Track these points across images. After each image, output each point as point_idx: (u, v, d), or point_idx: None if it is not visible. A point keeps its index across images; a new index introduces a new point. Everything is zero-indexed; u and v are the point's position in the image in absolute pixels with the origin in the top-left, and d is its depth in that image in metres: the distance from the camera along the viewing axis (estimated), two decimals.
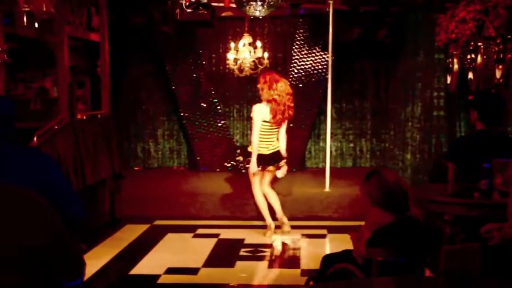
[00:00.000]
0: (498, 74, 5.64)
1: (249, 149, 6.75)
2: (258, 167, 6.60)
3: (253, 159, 6.59)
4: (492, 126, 4.28)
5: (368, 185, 3.78)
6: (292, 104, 6.67)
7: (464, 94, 7.17)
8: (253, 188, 6.85)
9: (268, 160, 6.63)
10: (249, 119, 10.01)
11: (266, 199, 6.86)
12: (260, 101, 6.66)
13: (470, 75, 6.40)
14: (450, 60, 6.89)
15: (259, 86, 6.66)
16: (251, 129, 6.86)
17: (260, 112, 6.54)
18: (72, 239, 1.96)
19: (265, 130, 6.59)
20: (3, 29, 5.68)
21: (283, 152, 6.73)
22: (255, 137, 6.59)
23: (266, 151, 6.61)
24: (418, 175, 7.99)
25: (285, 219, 6.88)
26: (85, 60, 9.15)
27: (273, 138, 6.66)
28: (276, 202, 6.84)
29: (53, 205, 1.89)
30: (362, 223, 3.90)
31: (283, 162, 6.72)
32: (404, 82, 8.90)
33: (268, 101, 6.53)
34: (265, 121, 6.55)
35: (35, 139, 5.79)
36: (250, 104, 10.17)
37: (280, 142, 6.72)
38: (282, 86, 6.63)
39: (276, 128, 6.64)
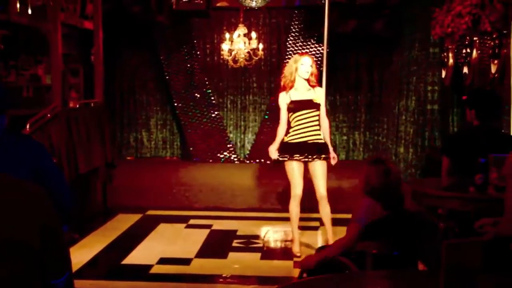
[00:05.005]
0: (493, 69, 5.62)
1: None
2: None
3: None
4: (489, 122, 4.30)
5: (371, 170, 3.67)
6: None
7: (458, 89, 7.17)
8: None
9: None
10: (243, 110, 10.06)
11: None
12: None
13: (465, 70, 6.40)
14: (445, 54, 6.88)
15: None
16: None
17: None
18: (64, 236, 1.94)
19: None
20: None
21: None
22: None
23: None
24: (410, 169, 8.00)
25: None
26: (79, 48, 9.10)
27: None
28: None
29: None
30: None
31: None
32: (398, 75, 8.89)
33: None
34: None
35: (27, 126, 5.75)
36: (244, 95, 10.18)
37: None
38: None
39: None
